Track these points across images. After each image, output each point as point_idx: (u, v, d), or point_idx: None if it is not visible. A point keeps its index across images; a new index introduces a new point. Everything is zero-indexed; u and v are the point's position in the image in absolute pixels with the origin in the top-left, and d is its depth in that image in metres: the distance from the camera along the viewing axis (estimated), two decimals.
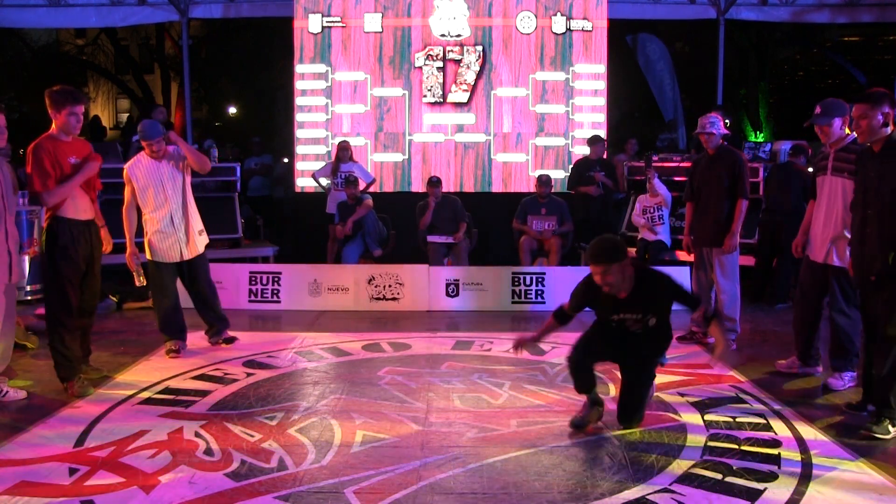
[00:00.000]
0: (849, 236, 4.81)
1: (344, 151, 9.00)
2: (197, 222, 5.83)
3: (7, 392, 4.68)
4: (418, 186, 9.72)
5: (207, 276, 5.98)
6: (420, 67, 9.86)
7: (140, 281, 5.69)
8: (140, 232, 5.70)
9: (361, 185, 8.73)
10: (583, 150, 9.63)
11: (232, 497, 3.34)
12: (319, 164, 9.59)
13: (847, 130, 4.98)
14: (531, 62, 9.91)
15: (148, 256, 5.73)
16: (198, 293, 5.95)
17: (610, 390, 4.92)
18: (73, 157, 4.87)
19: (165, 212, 5.64)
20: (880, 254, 4.16)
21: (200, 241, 5.86)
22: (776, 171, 8.06)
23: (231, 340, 6.03)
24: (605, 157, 9.48)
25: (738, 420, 4.37)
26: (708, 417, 4.41)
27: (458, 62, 9.86)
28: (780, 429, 4.23)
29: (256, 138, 12.62)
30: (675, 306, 4.17)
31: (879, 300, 4.24)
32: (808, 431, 4.19)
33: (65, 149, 4.84)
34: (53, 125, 4.86)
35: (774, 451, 3.90)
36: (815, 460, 3.79)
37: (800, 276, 5.37)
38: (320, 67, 9.88)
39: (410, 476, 3.57)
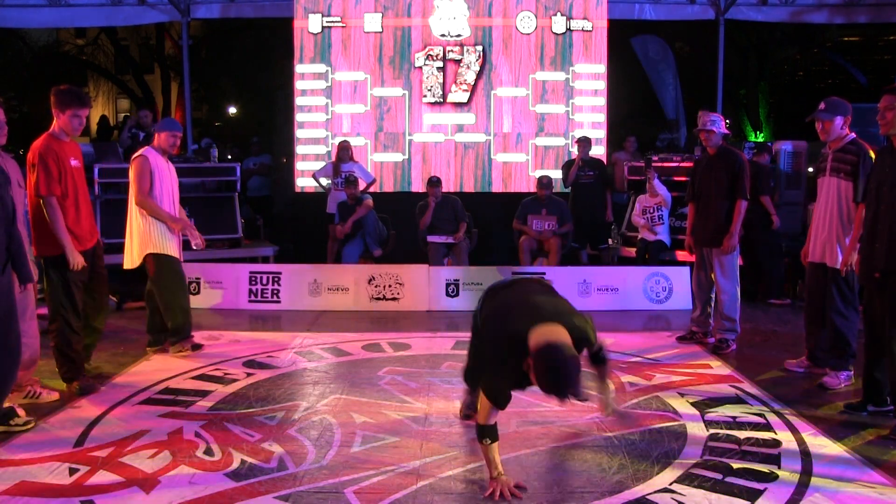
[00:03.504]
0: (845, 238, 4.86)
1: (344, 151, 9.00)
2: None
3: (41, 393, 4.67)
4: (418, 186, 9.72)
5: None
6: (420, 67, 9.85)
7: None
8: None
9: (361, 185, 8.73)
10: None
11: (232, 497, 3.34)
12: (319, 164, 9.59)
13: (847, 131, 5.00)
14: (531, 62, 9.90)
15: (159, 250, 5.58)
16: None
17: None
18: (73, 159, 4.86)
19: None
20: (888, 250, 4.16)
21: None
22: None
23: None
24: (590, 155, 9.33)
25: (738, 420, 4.38)
26: (708, 417, 4.42)
27: (458, 62, 9.85)
28: (780, 429, 4.24)
29: (255, 138, 12.61)
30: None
31: (882, 303, 4.24)
32: (808, 431, 4.19)
33: (66, 150, 4.83)
34: (55, 123, 4.83)
35: (774, 451, 3.90)
36: (815, 460, 3.79)
37: (806, 278, 5.40)
38: (320, 67, 9.88)
39: (410, 476, 3.57)
